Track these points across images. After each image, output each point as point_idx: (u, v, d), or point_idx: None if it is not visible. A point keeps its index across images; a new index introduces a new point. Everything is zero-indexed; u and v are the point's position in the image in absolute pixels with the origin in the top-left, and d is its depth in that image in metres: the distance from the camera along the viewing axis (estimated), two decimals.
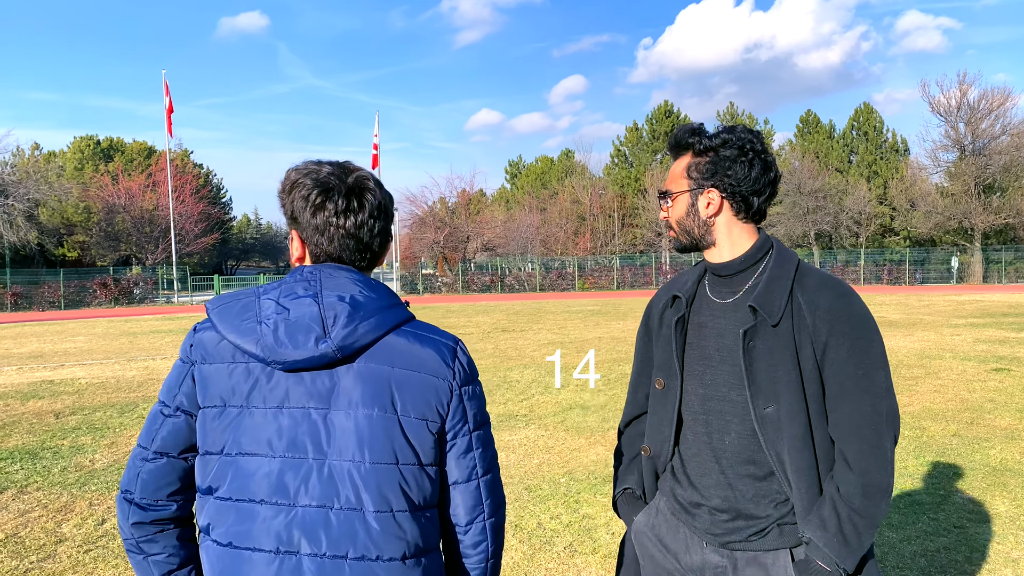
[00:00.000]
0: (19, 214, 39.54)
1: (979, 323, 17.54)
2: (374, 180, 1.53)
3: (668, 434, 1.84)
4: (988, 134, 45.06)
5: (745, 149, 1.75)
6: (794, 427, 1.65)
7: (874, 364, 1.66)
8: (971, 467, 5.77)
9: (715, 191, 1.77)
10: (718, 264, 1.81)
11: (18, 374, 12.00)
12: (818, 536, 1.62)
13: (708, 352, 1.78)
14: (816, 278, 1.71)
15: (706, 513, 1.77)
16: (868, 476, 1.62)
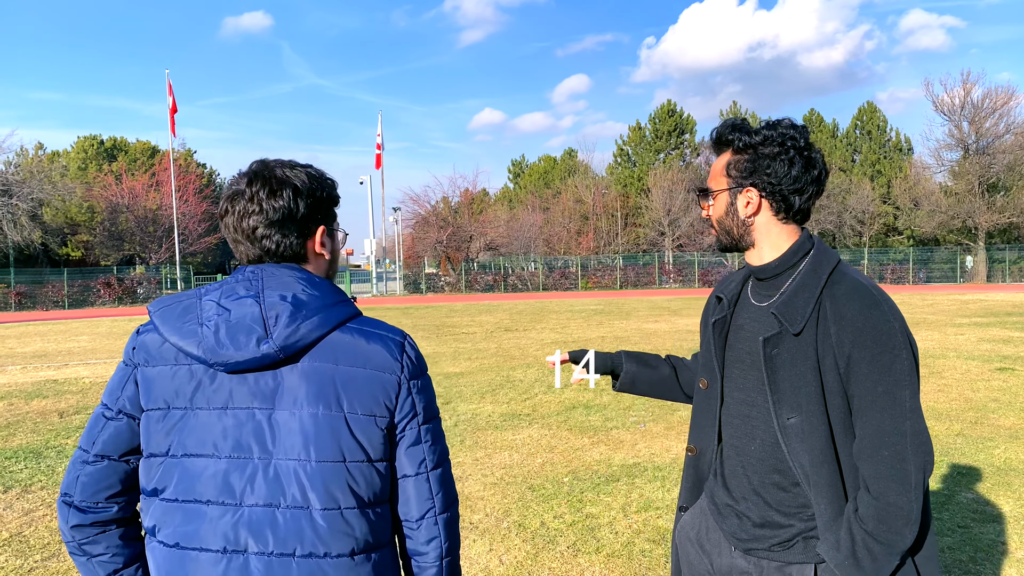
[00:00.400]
0: (23, 214, 39.63)
1: (983, 322, 17.50)
2: (287, 175, 1.50)
3: (712, 434, 1.83)
4: (992, 133, 45.03)
5: (786, 146, 1.68)
6: (815, 439, 1.59)
7: (898, 382, 1.54)
8: (975, 467, 5.76)
9: (754, 190, 1.71)
10: (757, 267, 1.77)
11: (22, 373, 12.03)
12: (831, 556, 1.57)
13: (742, 355, 1.76)
14: (847, 286, 1.62)
15: (734, 516, 1.76)
16: (885, 499, 1.52)
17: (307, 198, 1.49)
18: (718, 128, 1.77)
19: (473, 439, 6.99)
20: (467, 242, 50.02)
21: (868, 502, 1.54)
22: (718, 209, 1.77)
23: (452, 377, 10.76)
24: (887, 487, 1.52)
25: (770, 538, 1.68)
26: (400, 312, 26.23)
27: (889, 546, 1.53)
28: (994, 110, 44.77)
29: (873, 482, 1.54)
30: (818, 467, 1.59)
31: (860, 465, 1.57)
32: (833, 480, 1.59)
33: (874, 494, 1.53)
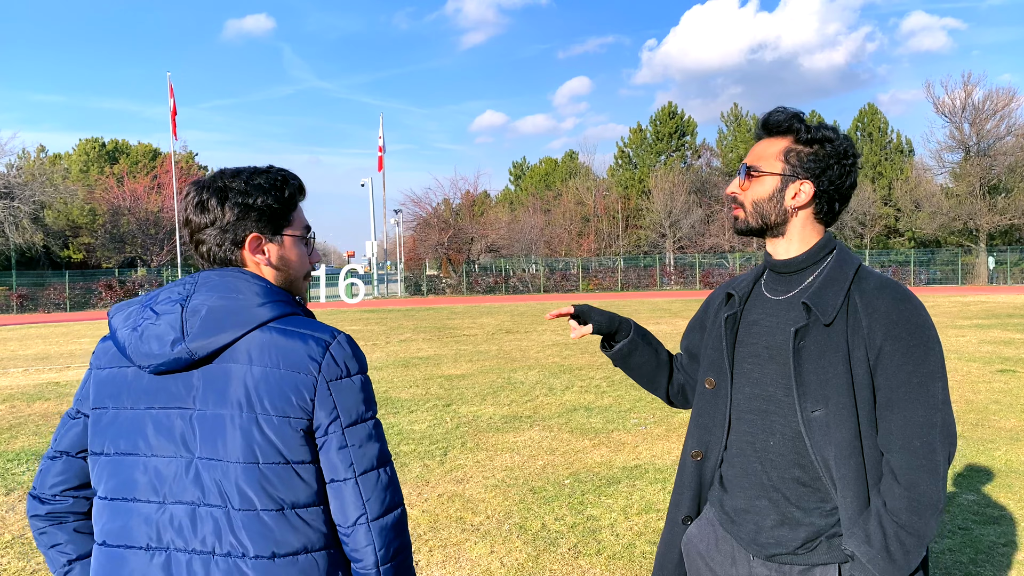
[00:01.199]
0: (25, 216, 39.67)
1: (984, 324, 17.50)
2: (221, 184, 1.54)
3: (720, 435, 1.77)
4: (993, 135, 45.02)
5: (849, 153, 1.70)
6: (842, 432, 1.57)
7: (931, 374, 1.56)
8: (976, 469, 5.77)
9: (809, 184, 1.70)
10: (781, 260, 1.76)
11: (24, 376, 12.04)
12: (862, 552, 1.53)
13: (758, 350, 1.72)
14: (876, 280, 1.65)
15: (751, 521, 1.69)
16: (916, 490, 1.53)
17: (236, 206, 1.52)
18: (778, 113, 1.74)
19: (474, 441, 7.00)
20: (468, 244, 50.03)
21: (900, 494, 1.53)
22: (760, 191, 1.73)
23: (453, 379, 10.77)
24: (918, 478, 1.53)
25: (792, 539, 1.63)
26: (401, 314, 26.24)
27: (920, 537, 1.53)
28: (995, 112, 44.76)
29: (904, 473, 1.54)
30: (845, 460, 1.57)
31: (890, 456, 1.57)
32: (859, 473, 1.58)
33: (905, 485, 1.53)
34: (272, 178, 1.58)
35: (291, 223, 1.60)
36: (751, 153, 1.77)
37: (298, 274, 1.63)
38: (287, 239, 1.59)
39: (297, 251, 1.61)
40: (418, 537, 4.59)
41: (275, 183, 1.57)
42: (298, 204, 1.63)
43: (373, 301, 38.35)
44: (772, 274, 1.80)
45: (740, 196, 1.77)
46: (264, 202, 1.54)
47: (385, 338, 17.29)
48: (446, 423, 7.82)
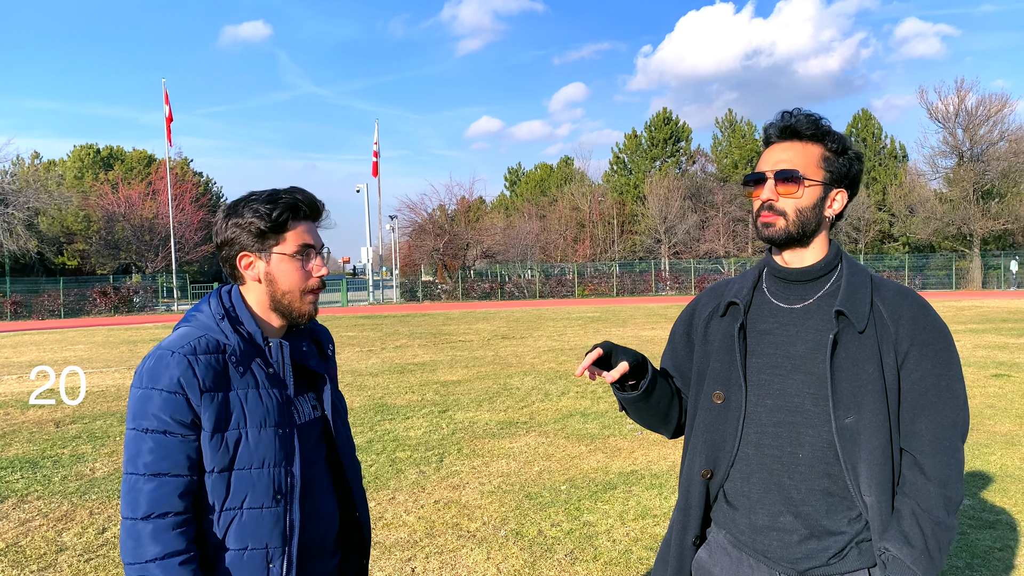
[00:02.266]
0: (19, 223, 39.58)
1: (978, 329, 17.55)
2: (227, 208, 1.77)
3: (730, 451, 1.69)
4: (986, 140, 45.20)
5: (862, 164, 1.75)
6: (876, 438, 1.57)
7: (955, 376, 1.62)
8: (971, 473, 5.77)
9: (844, 193, 1.72)
10: (798, 268, 1.72)
11: (18, 383, 12.00)
12: (905, 553, 1.53)
13: (777, 360, 1.66)
14: (894, 287, 1.69)
15: (776, 538, 1.63)
16: (949, 488, 1.57)
17: (230, 228, 1.72)
18: (806, 116, 1.70)
19: (470, 447, 6.99)
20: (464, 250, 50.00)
21: (935, 493, 1.56)
22: (808, 198, 1.67)
23: (449, 385, 10.76)
24: (949, 477, 1.57)
25: (823, 551, 1.60)
26: (397, 320, 26.21)
27: (952, 532, 1.57)
28: (988, 117, 44.96)
29: (936, 472, 1.57)
30: (879, 465, 1.57)
31: (922, 458, 1.58)
32: (890, 477, 1.59)
33: (938, 484, 1.56)
34: (269, 199, 1.72)
35: (281, 242, 1.72)
36: (786, 158, 1.69)
37: (288, 289, 1.74)
38: (274, 257, 1.72)
39: (285, 268, 1.73)
40: (414, 544, 4.58)
41: (269, 205, 1.71)
42: (292, 224, 1.73)
43: (368, 307, 38.31)
44: (780, 282, 1.75)
45: (779, 204, 1.68)
46: (252, 223, 1.70)
47: (380, 344, 17.27)
48: (442, 429, 7.81)
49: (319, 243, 1.78)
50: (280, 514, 1.68)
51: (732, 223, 53.69)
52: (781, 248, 1.73)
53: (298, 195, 1.74)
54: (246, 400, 1.66)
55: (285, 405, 1.71)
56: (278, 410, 1.69)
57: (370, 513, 2.02)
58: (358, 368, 12.91)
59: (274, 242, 1.71)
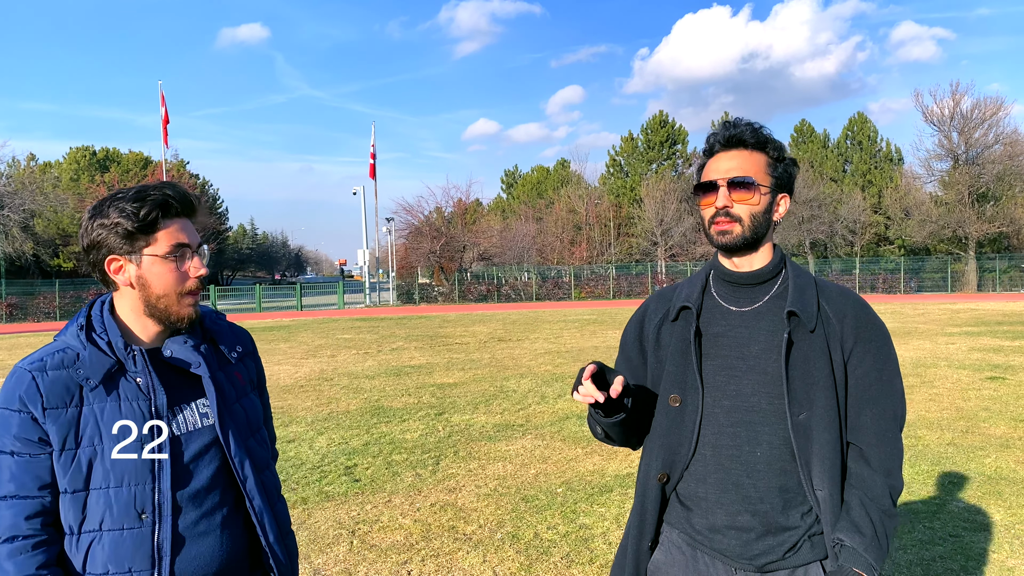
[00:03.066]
0: (14, 225, 39.49)
1: (974, 331, 17.60)
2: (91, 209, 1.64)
3: (685, 453, 1.73)
4: (981, 143, 45.32)
5: (798, 167, 1.83)
6: (828, 432, 1.64)
7: (894, 371, 1.72)
8: (966, 476, 5.79)
9: (787, 198, 1.80)
10: (747, 272, 1.77)
11: None
12: (857, 542, 1.59)
13: (731, 362, 1.71)
14: (836, 288, 1.77)
15: (735, 536, 1.68)
16: (892, 477, 1.67)
17: (90, 231, 1.60)
18: (751, 126, 1.77)
19: (467, 450, 6.99)
20: (460, 252, 50.00)
21: (881, 482, 1.65)
22: (758, 204, 1.73)
23: (445, 388, 10.76)
24: (892, 466, 1.67)
25: (779, 546, 1.66)
26: (393, 323, 26.20)
27: (896, 520, 1.66)
28: (983, 120, 45.08)
29: (880, 463, 1.66)
30: (830, 459, 1.64)
31: (867, 449, 1.67)
32: (840, 469, 1.66)
33: (882, 474, 1.66)
34: (137, 197, 1.59)
35: (152, 243, 1.59)
36: (735, 166, 1.74)
37: (162, 293, 1.61)
38: (145, 259, 1.59)
39: (157, 270, 1.60)
40: (411, 547, 4.58)
41: (137, 203, 1.58)
42: (164, 222, 1.61)
43: (365, 309, 38.28)
44: (729, 286, 1.79)
45: (735, 210, 1.72)
46: (118, 223, 1.57)
47: (377, 347, 17.26)
48: (438, 432, 7.81)
49: (195, 241, 1.65)
50: (146, 535, 1.54)
51: None
52: (734, 254, 1.76)
53: (168, 191, 1.62)
54: (101, 415, 1.54)
55: (148, 415, 1.58)
56: (136, 423, 1.56)
57: (293, 537, 1.85)
58: (354, 371, 12.91)
59: (144, 243, 1.58)
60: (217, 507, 1.64)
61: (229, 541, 1.65)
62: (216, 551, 1.62)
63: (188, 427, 1.63)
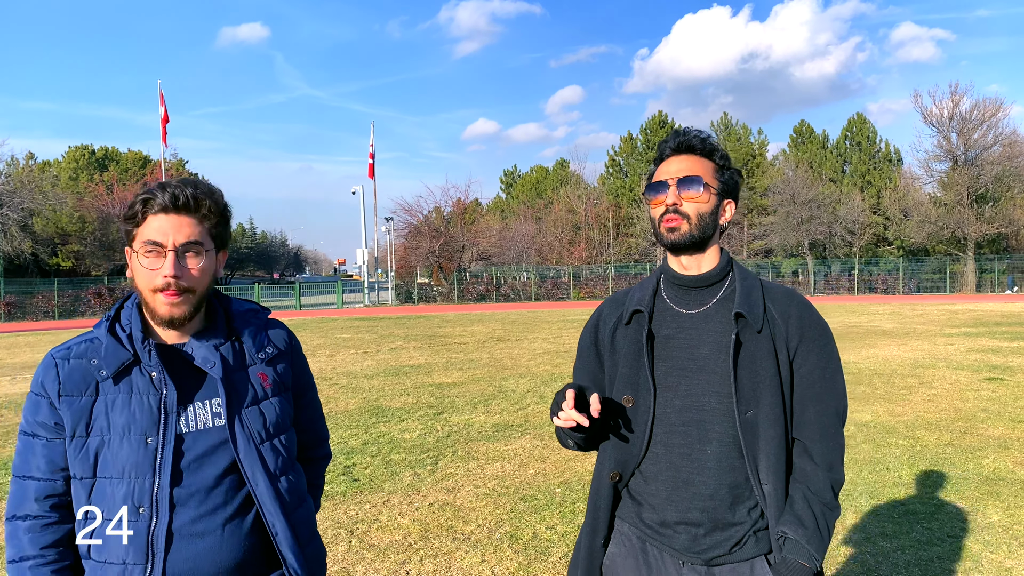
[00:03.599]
0: (13, 223, 39.45)
1: (972, 332, 17.61)
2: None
3: (637, 452, 1.78)
4: (980, 144, 45.33)
5: (742, 177, 1.91)
6: (774, 429, 1.70)
7: (836, 368, 1.79)
8: (965, 476, 5.80)
9: (733, 204, 1.87)
10: (695, 275, 1.83)
11: (11, 384, 11.96)
12: (799, 534, 1.67)
13: (682, 363, 1.77)
14: (781, 290, 1.84)
15: (684, 531, 1.74)
16: (834, 471, 1.73)
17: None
18: (700, 135, 1.85)
19: (465, 450, 6.99)
20: (459, 252, 49.99)
21: (823, 477, 1.72)
22: (706, 205, 1.80)
23: (444, 387, 10.76)
24: (835, 461, 1.74)
25: (726, 541, 1.72)
26: (392, 322, 26.19)
27: (836, 511, 1.73)
28: (982, 121, 45.09)
29: (822, 457, 1.73)
30: (775, 455, 1.71)
31: (810, 444, 1.74)
32: (784, 464, 1.73)
33: (824, 468, 1.72)
34: (141, 190, 1.64)
35: (135, 237, 1.62)
36: (685, 167, 1.81)
37: (142, 288, 1.63)
38: (128, 254, 1.65)
39: (135, 265, 1.62)
40: (409, 546, 4.58)
41: (133, 200, 1.63)
42: (146, 218, 1.61)
43: (364, 309, 38.27)
44: (678, 289, 1.85)
45: (684, 207, 1.79)
46: (123, 215, 1.65)
47: (376, 346, 17.26)
48: (437, 432, 7.81)
49: (173, 241, 1.59)
50: (142, 530, 1.55)
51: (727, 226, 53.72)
52: (682, 253, 1.83)
53: (164, 186, 1.62)
54: (112, 406, 1.58)
55: (158, 411, 1.59)
56: (146, 417, 1.58)
57: (318, 544, 1.82)
58: (353, 370, 12.90)
59: (133, 236, 1.62)
60: (220, 508, 1.62)
61: (232, 543, 1.62)
62: (215, 552, 1.60)
63: (197, 425, 1.63)
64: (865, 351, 14.16)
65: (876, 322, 21.49)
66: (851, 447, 6.75)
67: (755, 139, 58.83)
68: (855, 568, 4.13)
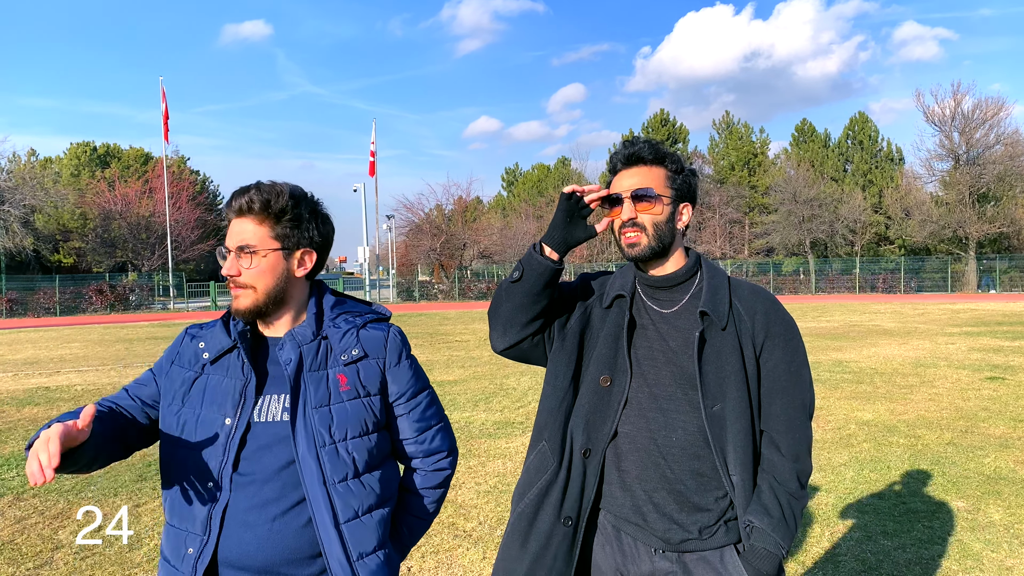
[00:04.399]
0: (15, 220, 39.48)
1: (974, 332, 17.60)
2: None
3: (607, 433, 1.82)
4: (982, 143, 45.31)
5: (697, 176, 1.97)
6: (741, 422, 1.76)
7: (802, 362, 1.86)
8: (966, 475, 5.80)
9: (689, 207, 1.93)
10: (662, 276, 1.90)
11: (13, 380, 11.97)
12: (765, 523, 1.73)
13: (652, 354, 1.84)
14: (748, 287, 1.90)
15: (652, 514, 1.78)
16: (800, 462, 1.80)
17: None
18: (650, 144, 1.90)
19: (466, 447, 7.00)
20: (460, 250, 50.03)
21: (789, 467, 1.79)
22: (664, 213, 1.86)
23: (445, 385, 10.77)
24: (800, 452, 1.80)
25: (693, 524, 1.77)
26: (393, 320, 26.15)
27: (804, 500, 1.79)
28: (984, 121, 45.07)
29: (789, 449, 1.79)
30: (743, 447, 1.76)
31: (775, 436, 1.81)
32: (752, 456, 1.79)
33: (791, 459, 1.79)
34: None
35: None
36: (637, 181, 1.86)
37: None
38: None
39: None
40: None
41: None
42: (227, 222, 1.77)
43: None
44: (649, 288, 1.92)
45: (640, 219, 1.84)
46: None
47: None
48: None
49: (233, 243, 1.72)
50: (204, 504, 1.67)
51: (729, 225, 53.76)
52: (645, 264, 1.90)
53: (237, 192, 1.75)
54: (207, 386, 1.72)
55: (239, 396, 1.69)
56: (229, 400, 1.69)
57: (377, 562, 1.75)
58: None
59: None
60: (272, 502, 1.64)
61: (279, 540, 1.64)
62: (261, 546, 1.63)
63: (267, 416, 1.69)
64: (866, 350, 14.16)
65: (877, 321, 21.48)
66: (852, 446, 6.76)
67: (757, 138, 58.78)
68: (856, 566, 4.14)
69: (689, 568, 1.77)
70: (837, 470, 5.99)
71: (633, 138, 1.92)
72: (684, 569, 1.78)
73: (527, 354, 1.95)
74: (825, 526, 4.77)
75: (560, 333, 1.93)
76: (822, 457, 6.37)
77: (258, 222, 1.72)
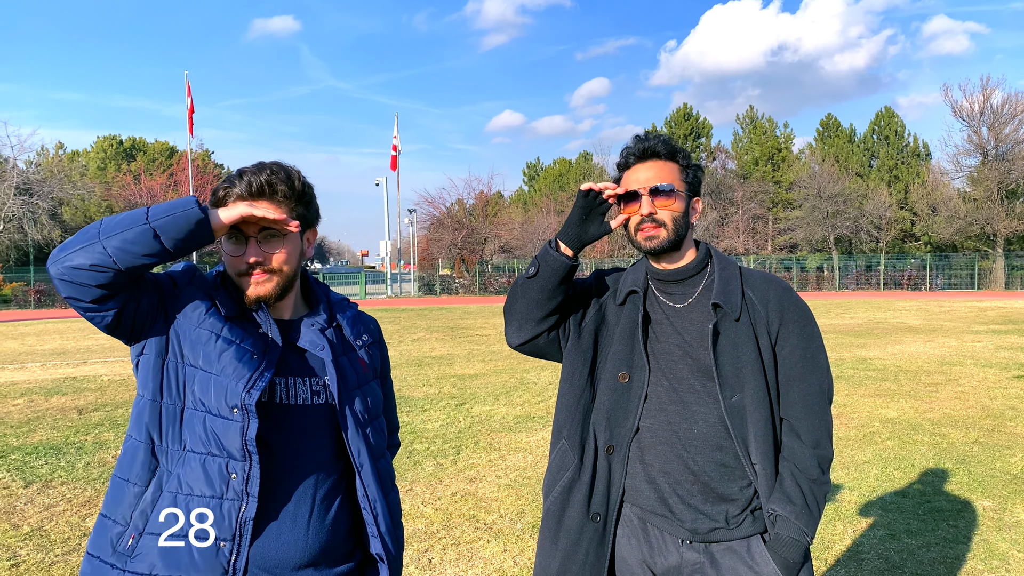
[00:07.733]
0: (43, 212, 40.03)
1: (1001, 330, 17.35)
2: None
3: (630, 428, 1.84)
4: (1012, 139, 44.54)
5: (703, 171, 1.99)
6: (760, 412, 1.78)
7: (818, 347, 1.87)
8: (992, 474, 5.73)
9: (700, 201, 1.96)
10: (673, 269, 1.91)
11: (42, 370, 12.17)
12: (788, 510, 1.74)
13: (669, 348, 1.85)
14: (760, 276, 1.91)
15: (679, 505, 1.79)
16: (821, 448, 1.80)
17: None
18: (663, 140, 1.89)
19: (487, 441, 7.02)
20: (481, 244, 50.06)
21: (809, 455, 1.79)
22: (678, 209, 1.86)
23: (466, 379, 10.80)
24: (821, 439, 1.81)
25: (720, 513, 1.78)
26: (415, 313, 26.30)
27: (826, 487, 1.81)
28: (1014, 116, 44.29)
29: (809, 435, 1.80)
30: (764, 436, 1.78)
31: (795, 423, 1.82)
32: (773, 444, 1.80)
33: (811, 445, 1.80)
34: (219, 183, 1.69)
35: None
36: (653, 175, 1.85)
37: (230, 273, 1.69)
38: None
39: (222, 251, 1.69)
40: (431, 535, 4.62)
41: (215, 188, 1.68)
42: (222, 202, 1.64)
43: (386, 300, 38.44)
44: (661, 283, 1.93)
45: (659, 215, 1.84)
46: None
47: (399, 337, 17.35)
48: (459, 422, 7.85)
49: (255, 228, 1.62)
50: (236, 469, 1.57)
51: (752, 220, 53.34)
52: (660, 257, 1.91)
53: (242, 173, 1.64)
54: (222, 351, 1.60)
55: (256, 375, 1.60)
56: (243, 377, 1.59)
57: (403, 528, 1.87)
58: None
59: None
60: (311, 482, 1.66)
61: (321, 529, 1.65)
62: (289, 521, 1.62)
63: (297, 400, 1.67)
64: (891, 347, 14.01)
65: (902, 318, 21.23)
66: (876, 443, 6.70)
67: (781, 133, 58.23)
68: (880, 565, 4.11)
69: (716, 559, 1.78)
70: (861, 468, 5.94)
71: (645, 133, 1.92)
72: (711, 560, 1.78)
73: (543, 350, 1.97)
74: (848, 524, 4.74)
75: (576, 330, 1.95)
76: (845, 454, 6.32)
77: (276, 205, 1.64)
